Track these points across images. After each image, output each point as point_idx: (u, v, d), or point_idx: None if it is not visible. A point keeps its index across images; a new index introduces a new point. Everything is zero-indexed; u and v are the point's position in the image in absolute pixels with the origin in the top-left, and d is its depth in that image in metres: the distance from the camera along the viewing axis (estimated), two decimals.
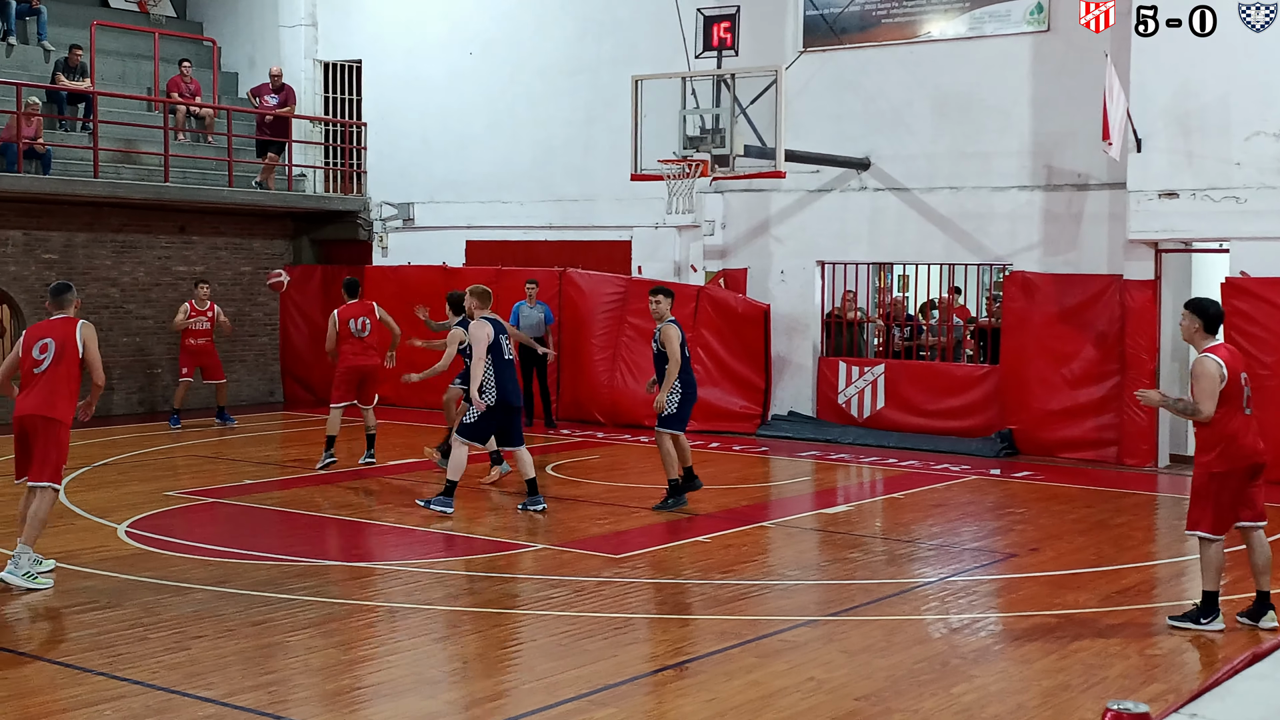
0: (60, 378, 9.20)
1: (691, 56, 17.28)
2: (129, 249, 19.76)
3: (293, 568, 9.80)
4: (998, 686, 7.30)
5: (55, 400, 9.20)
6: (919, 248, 17.35)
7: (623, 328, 18.46)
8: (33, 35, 20.43)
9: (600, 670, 7.43)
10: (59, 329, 9.29)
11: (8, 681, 7.12)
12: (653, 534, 11.21)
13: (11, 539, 10.64)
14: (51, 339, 9.24)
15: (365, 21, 21.94)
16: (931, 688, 7.25)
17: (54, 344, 9.22)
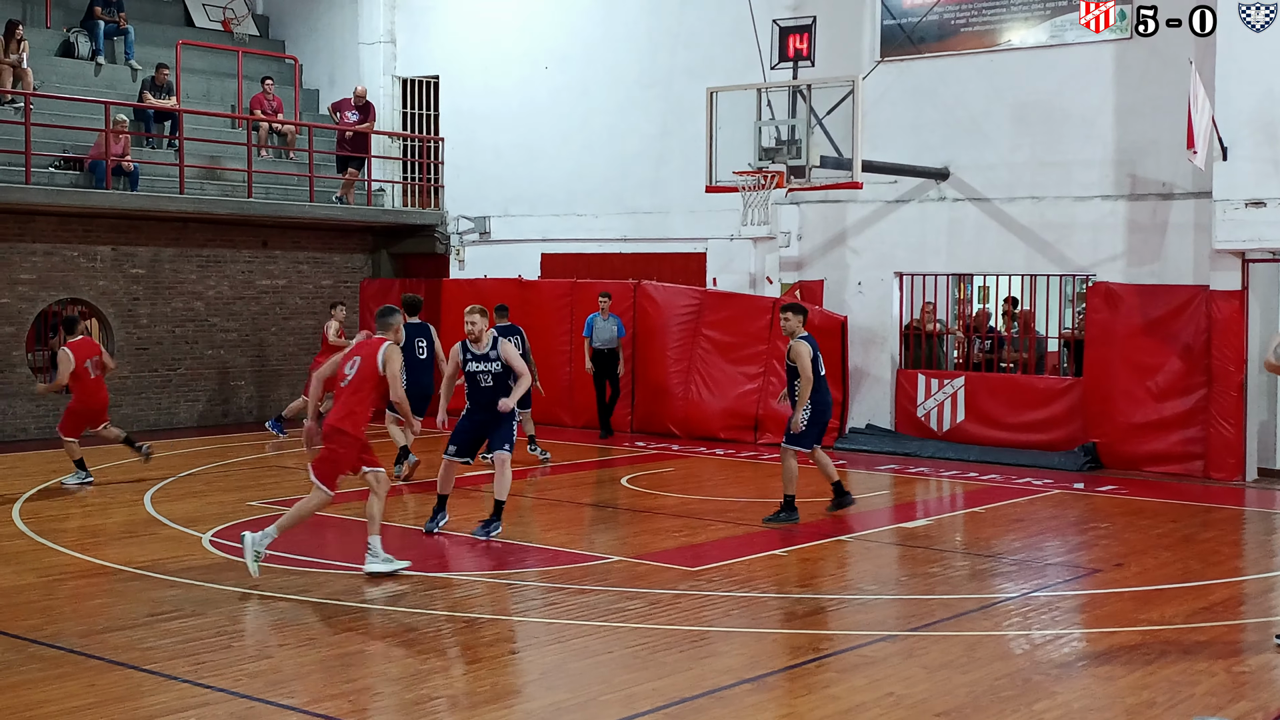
0: (359, 393, 9.80)
1: (767, 68, 17.25)
2: (213, 263, 20.10)
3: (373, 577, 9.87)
4: (1081, 704, 7.18)
5: (348, 413, 9.78)
6: (999, 258, 17.16)
7: (697, 340, 18.45)
8: (120, 55, 20.86)
9: (677, 683, 7.41)
10: (369, 348, 9.95)
11: (95, 689, 7.25)
12: (728, 547, 11.17)
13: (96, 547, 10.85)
14: (360, 356, 9.91)
15: (443, 38, 22.16)
16: (1013, 704, 7.14)
17: (360, 361, 9.85)
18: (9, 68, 18.43)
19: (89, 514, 12.89)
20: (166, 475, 14.64)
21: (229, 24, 23.35)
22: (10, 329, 17.92)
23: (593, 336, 18.30)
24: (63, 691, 7.17)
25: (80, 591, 9.44)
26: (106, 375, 14.56)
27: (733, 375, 18.13)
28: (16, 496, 13.31)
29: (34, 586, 9.60)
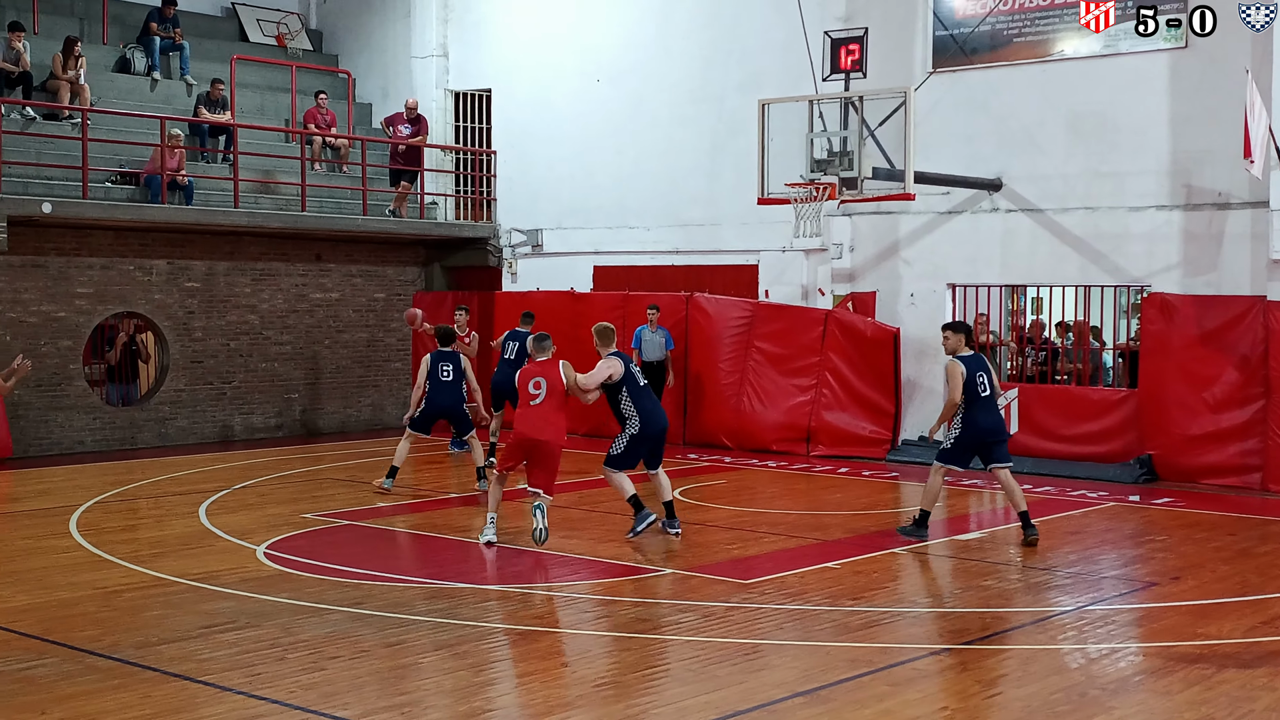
0: (551, 408, 11.39)
1: (819, 80, 17.21)
2: (267, 277, 20.29)
3: (425, 590, 9.93)
4: (1138, 719, 7.09)
5: (546, 426, 11.33)
6: (1053, 269, 17.02)
7: (749, 352, 18.41)
8: (176, 70, 21.12)
9: (729, 696, 7.39)
10: (546, 370, 11.53)
11: (151, 700, 7.32)
12: (781, 559, 11.13)
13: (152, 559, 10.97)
14: (542, 378, 11.47)
15: (495, 51, 22.28)
16: (1069, 719, 7.07)
17: (545, 382, 11.41)
18: (67, 84, 18.71)
19: (145, 526, 13.03)
20: (222, 488, 14.77)
21: (283, 39, 23.59)
22: (68, 342, 18.16)
23: (641, 349, 18.33)
24: (119, 702, 7.24)
25: (136, 603, 9.54)
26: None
27: (785, 387, 18.08)
28: (74, 509, 13.47)
29: (91, 598, 9.71)
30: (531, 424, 11.30)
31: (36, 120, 18.49)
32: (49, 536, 11.97)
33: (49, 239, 17.85)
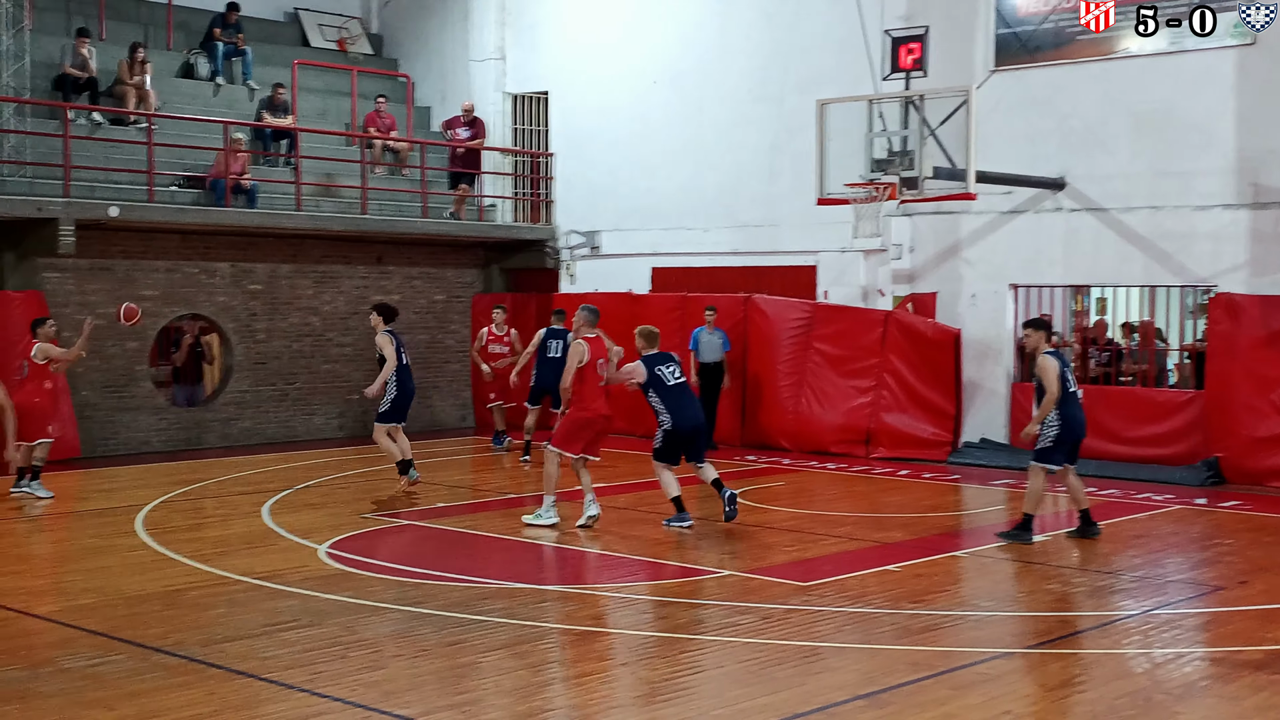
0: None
1: (878, 79, 17.11)
2: (329, 279, 20.47)
3: (485, 590, 9.97)
4: None
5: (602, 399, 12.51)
6: (1117, 269, 16.83)
7: (808, 353, 18.33)
8: (239, 75, 21.36)
9: (789, 699, 7.35)
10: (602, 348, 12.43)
11: (215, 696, 7.40)
12: (841, 562, 11.07)
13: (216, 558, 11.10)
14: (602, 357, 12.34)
15: (552, 54, 22.34)
16: None
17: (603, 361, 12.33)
18: (132, 89, 18.98)
19: (209, 525, 13.18)
20: (284, 488, 14.91)
21: (344, 43, 23.79)
22: (134, 344, 18.40)
23: (699, 350, 18.32)
24: (184, 699, 7.33)
25: (201, 601, 9.65)
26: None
27: (844, 389, 17.99)
28: (140, 508, 13.65)
29: (157, 596, 9.83)
30: (606, 402, 12.38)
31: (103, 125, 18.76)
32: (116, 535, 12.14)
33: (116, 242, 18.11)
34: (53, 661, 8.10)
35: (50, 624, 9.03)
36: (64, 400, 16.60)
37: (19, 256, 17.10)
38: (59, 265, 17.56)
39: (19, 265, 17.14)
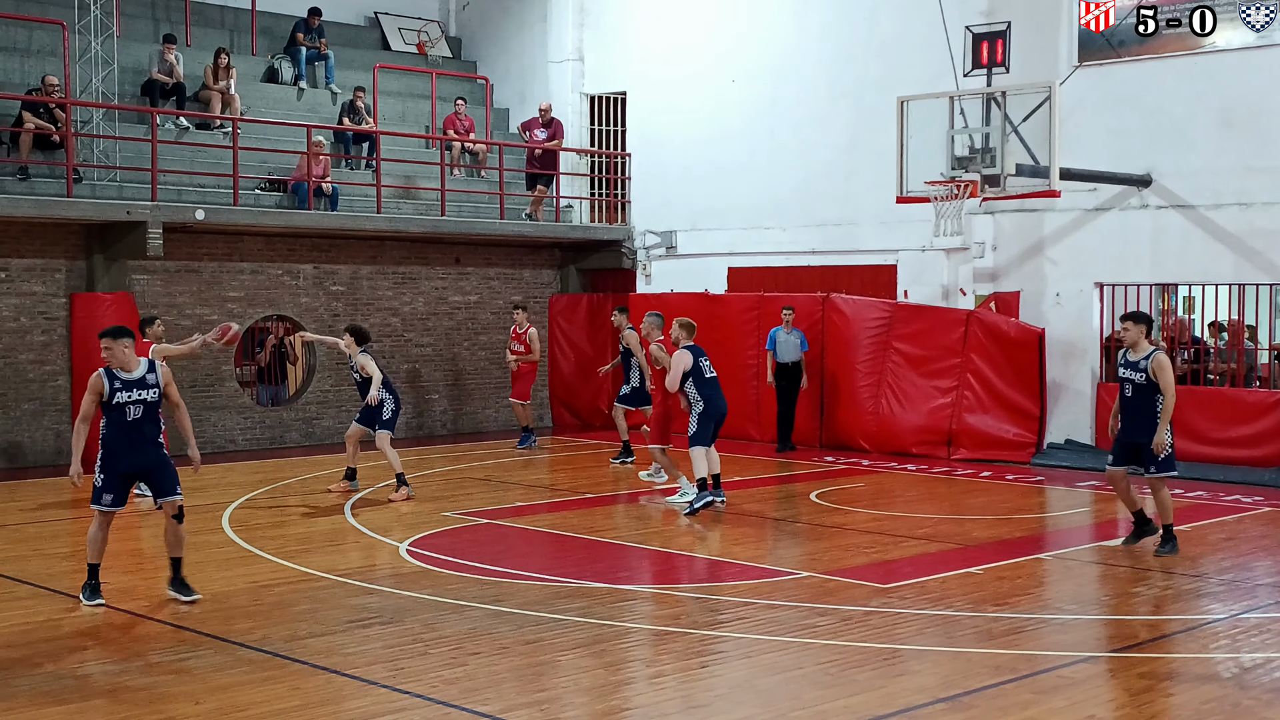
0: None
1: (959, 75, 16.94)
2: (408, 280, 20.66)
3: (562, 588, 10.00)
4: None
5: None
6: (1205, 268, 16.51)
7: (888, 353, 18.18)
8: (321, 79, 21.63)
9: (868, 701, 7.30)
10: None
11: (299, 692, 7.49)
12: (922, 564, 10.96)
13: (299, 555, 11.24)
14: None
15: (630, 54, 22.37)
16: None
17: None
18: (218, 94, 19.29)
19: (293, 523, 13.35)
20: (366, 486, 15.07)
21: (423, 47, 24.00)
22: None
23: (776, 350, 18.25)
24: (269, 694, 7.43)
25: (285, 598, 9.78)
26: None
27: (925, 389, 17.81)
28: (226, 505, 13.86)
29: (242, 592, 9.98)
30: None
31: (189, 130, 19.08)
32: (203, 532, 12.33)
33: (202, 245, 18.42)
34: (141, 655, 8.25)
35: (139, 619, 9.19)
36: None
37: (109, 259, 17.44)
38: (148, 268, 17.89)
39: (109, 268, 17.49)
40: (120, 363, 9.42)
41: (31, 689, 7.53)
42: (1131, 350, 11.13)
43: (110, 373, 9.40)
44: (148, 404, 9.54)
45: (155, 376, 9.60)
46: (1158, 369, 10.93)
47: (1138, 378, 11.04)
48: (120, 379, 9.40)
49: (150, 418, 9.67)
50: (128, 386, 9.41)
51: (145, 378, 9.51)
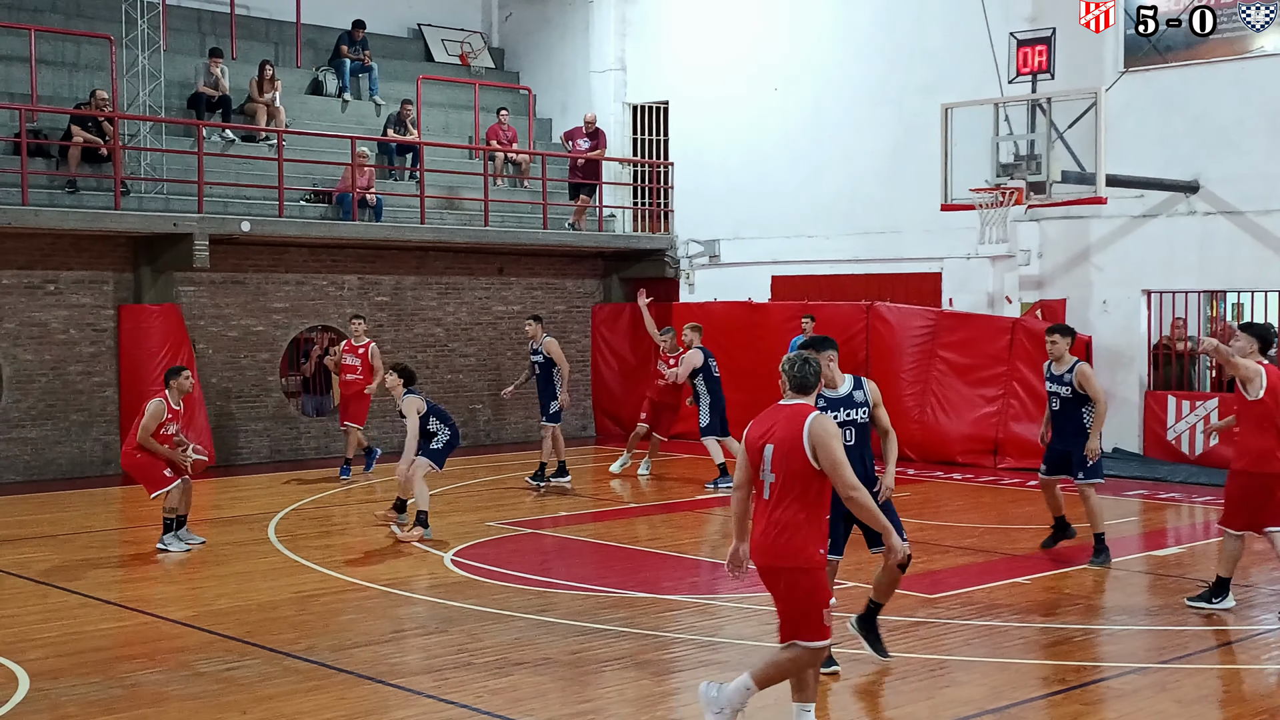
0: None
1: (1004, 82, 16.83)
2: (452, 290, 20.73)
3: (607, 599, 9.99)
4: None
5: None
6: (1255, 274, 16.32)
7: (933, 362, 18.06)
8: (365, 91, 21.75)
9: (916, 712, 7.25)
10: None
11: (345, 701, 7.52)
12: (968, 574, 10.88)
13: (344, 565, 11.28)
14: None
15: (672, 63, 22.37)
16: None
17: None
18: (263, 106, 19.44)
19: (337, 533, 13.41)
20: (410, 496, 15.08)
21: (466, 58, 24.11)
22: (265, 355, 18.83)
23: None
24: (315, 703, 7.45)
25: (331, 607, 9.82)
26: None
27: (970, 398, 17.68)
28: (272, 515, 13.94)
29: (288, 602, 10.03)
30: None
31: (235, 142, 19.25)
32: (249, 542, 12.42)
33: (247, 256, 18.56)
34: (189, 665, 8.30)
35: (187, 629, 9.25)
36: (199, 411, 17.01)
37: (156, 271, 17.60)
38: (194, 279, 18.05)
39: (156, 280, 17.64)
40: None
41: (81, 698, 7.60)
42: (1056, 364, 11.04)
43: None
44: None
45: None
46: (1083, 380, 10.92)
47: (1063, 390, 11.02)
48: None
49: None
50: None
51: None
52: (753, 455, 6.40)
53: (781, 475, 6.30)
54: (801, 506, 6.29)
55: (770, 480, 6.31)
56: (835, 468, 6.27)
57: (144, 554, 11.98)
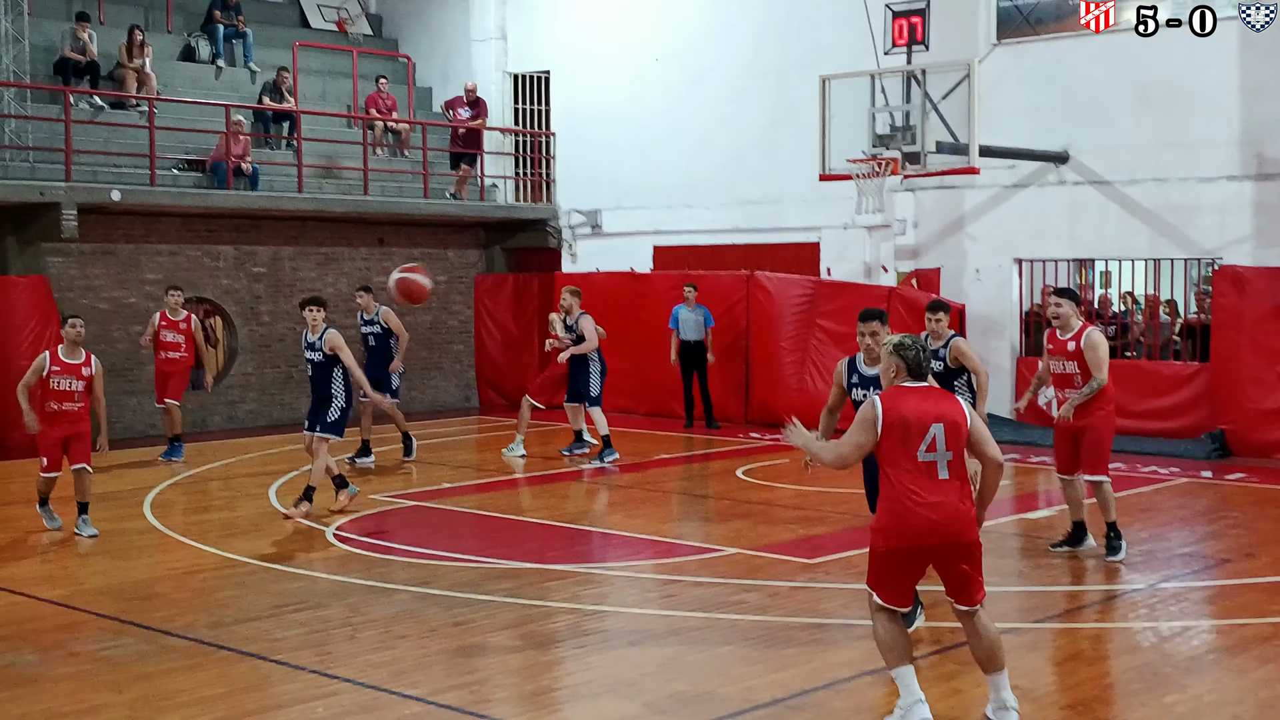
0: None
1: (880, 54, 17.06)
2: (331, 261, 20.46)
3: (491, 570, 9.99)
4: (1212, 697, 7.00)
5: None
6: (1121, 243, 16.80)
7: (812, 330, 18.30)
8: (239, 58, 21.32)
9: (795, 675, 7.38)
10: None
11: (225, 679, 7.43)
12: (846, 539, 11.06)
13: (223, 540, 11.12)
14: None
15: (553, 33, 22.27)
16: (1142, 697, 7.00)
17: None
18: (133, 73, 18.94)
19: (216, 508, 13.21)
20: (290, 469, 14.93)
21: (343, 24, 23.72)
22: (138, 328, 18.35)
23: (679, 328, 18.22)
24: (195, 681, 7.36)
25: (209, 584, 9.68)
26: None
27: None
28: (147, 491, 13.67)
29: (165, 579, 9.87)
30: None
31: (104, 109, 18.74)
32: (124, 519, 12.17)
33: (118, 226, 18.11)
34: (63, 645, 8.13)
35: (60, 608, 9.05)
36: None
37: (22, 242, 17.10)
38: (62, 250, 17.56)
39: (22, 251, 17.14)
40: None
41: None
42: (934, 339, 11.01)
43: None
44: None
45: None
46: (959, 355, 10.98)
47: (937, 366, 10.92)
48: None
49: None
50: None
51: None
52: (916, 433, 6.39)
53: (956, 453, 6.42)
54: (965, 482, 6.48)
55: (948, 459, 6.40)
56: (989, 442, 6.57)
57: (14, 534, 11.67)
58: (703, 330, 18.18)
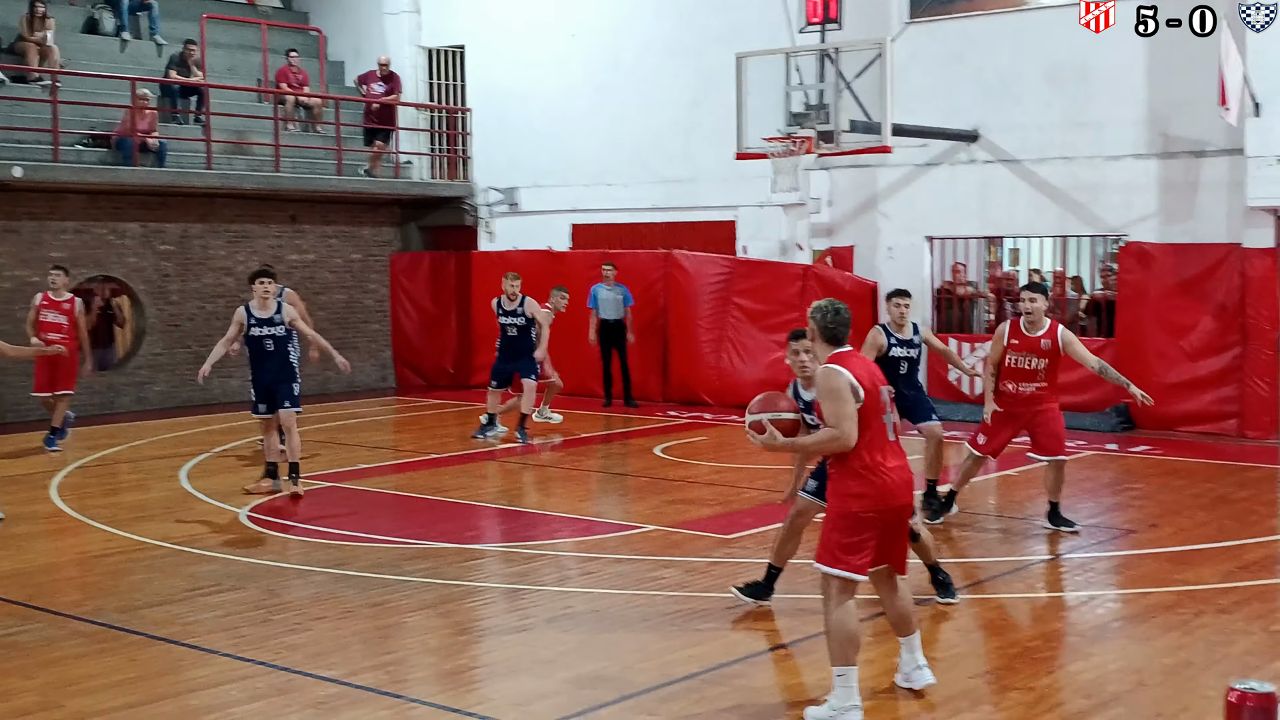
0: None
1: (795, 32, 17.13)
2: (242, 239, 20.17)
3: (408, 550, 9.95)
4: (1117, 665, 7.17)
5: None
6: (1031, 220, 17.05)
7: (729, 308, 18.39)
8: (145, 30, 20.89)
9: (712, 650, 7.44)
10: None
11: (137, 663, 7.33)
12: (762, 515, 11.16)
13: (133, 523, 10.95)
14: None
15: (467, 7, 22.08)
16: (1048, 665, 7.15)
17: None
18: (34, 46, 18.50)
19: (126, 490, 13.00)
20: (202, 451, 14.74)
21: None
22: None
23: (598, 307, 18.23)
24: (105, 666, 7.25)
25: (119, 567, 9.54)
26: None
27: (764, 343, 18.07)
28: (54, 474, 13.43)
29: (73, 563, 9.71)
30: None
31: (5, 83, 18.28)
32: (30, 502, 11.94)
33: (20, 203, 17.70)
34: None
35: None
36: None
37: None
38: None
39: None
40: None
41: None
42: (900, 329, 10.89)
43: None
44: None
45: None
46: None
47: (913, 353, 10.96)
48: None
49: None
50: None
51: None
52: (873, 398, 6.34)
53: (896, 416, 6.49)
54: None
55: (894, 421, 6.45)
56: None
57: None
58: (622, 309, 18.20)
